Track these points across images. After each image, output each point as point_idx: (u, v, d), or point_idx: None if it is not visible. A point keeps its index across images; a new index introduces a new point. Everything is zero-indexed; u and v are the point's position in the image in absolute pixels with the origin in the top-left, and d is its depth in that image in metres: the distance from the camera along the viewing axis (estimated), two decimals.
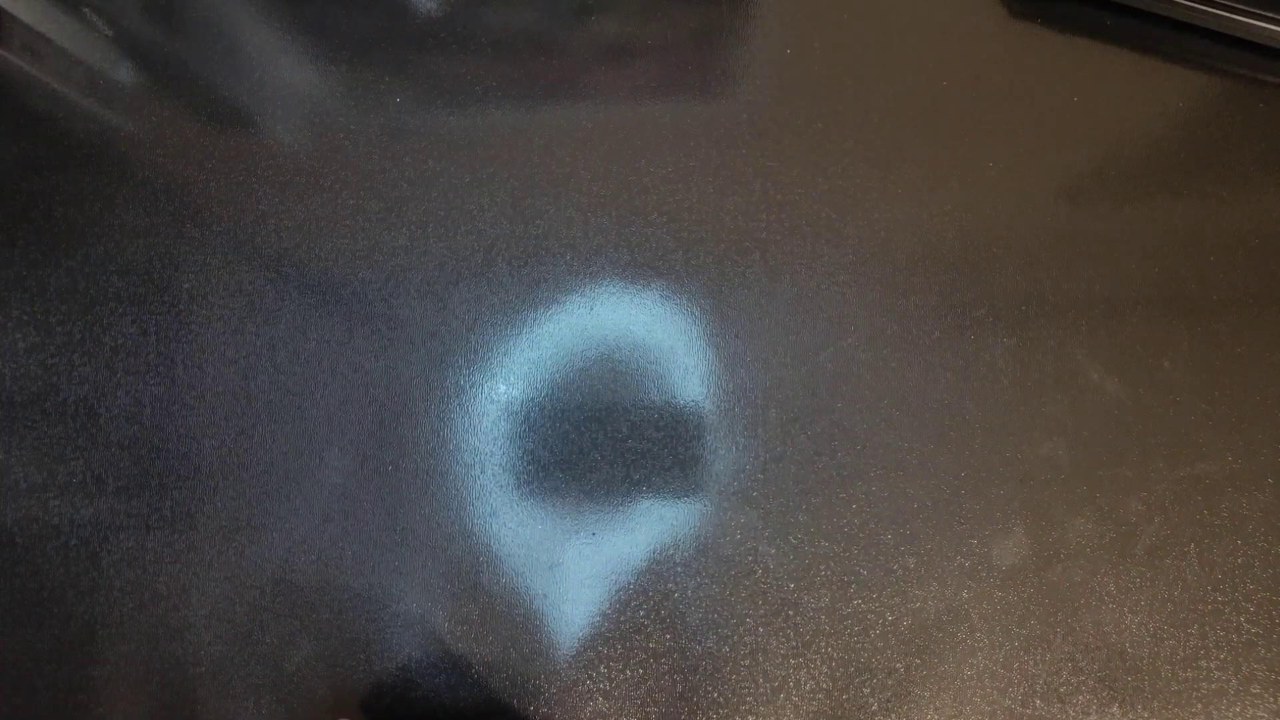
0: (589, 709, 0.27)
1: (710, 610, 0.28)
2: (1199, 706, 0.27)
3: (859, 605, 0.28)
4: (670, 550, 0.28)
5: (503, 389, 0.29)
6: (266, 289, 0.30)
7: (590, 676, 0.27)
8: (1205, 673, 0.27)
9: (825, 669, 0.27)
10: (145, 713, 0.27)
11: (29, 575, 0.28)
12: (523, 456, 0.29)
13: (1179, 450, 0.29)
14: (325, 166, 0.31)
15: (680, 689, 0.27)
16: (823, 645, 0.28)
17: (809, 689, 0.27)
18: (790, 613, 0.28)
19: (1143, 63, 0.32)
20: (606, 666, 0.27)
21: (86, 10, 0.33)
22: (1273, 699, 0.27)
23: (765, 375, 0.29)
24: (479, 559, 0.28)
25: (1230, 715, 0.27)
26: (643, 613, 0.28)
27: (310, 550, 0.28)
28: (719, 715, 0.27)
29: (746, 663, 0.28)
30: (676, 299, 0.30)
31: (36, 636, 0.28)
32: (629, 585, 0.28)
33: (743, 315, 0.30)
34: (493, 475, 0.29)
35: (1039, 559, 0.28)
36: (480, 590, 0.28)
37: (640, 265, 0.30)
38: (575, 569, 0.28)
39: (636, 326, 0.30)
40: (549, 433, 0.29)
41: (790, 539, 0.28)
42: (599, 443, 0.29)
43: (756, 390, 0.29)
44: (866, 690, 0.27)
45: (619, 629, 0.28)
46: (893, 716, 0.27)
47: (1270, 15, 0.31)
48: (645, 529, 0.28)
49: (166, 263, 0.30)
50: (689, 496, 0.29)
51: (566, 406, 0.29)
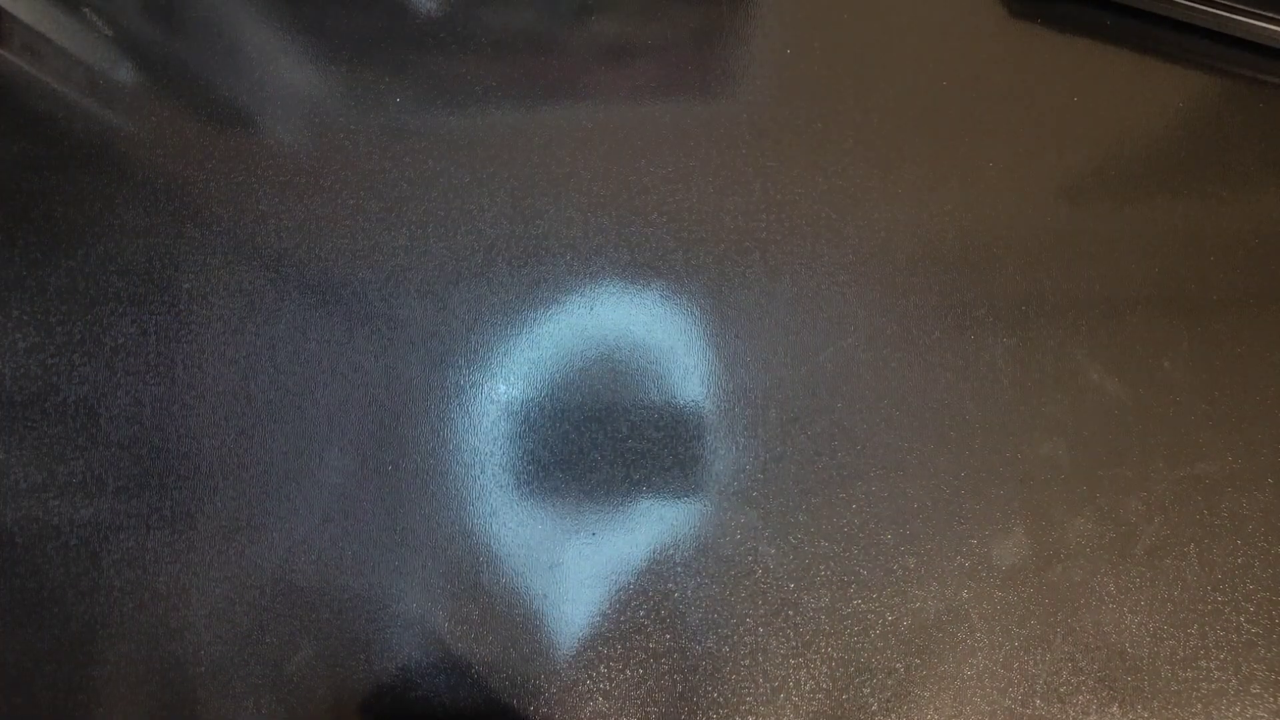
0: (589, 709, 0.27)
1: (710, 610, 0.28)
2: (1199, 706, 0.27)
3: (859, 605, 0.28)
4: (670, 550, 0.28)
5: (503, 389, 0.29)
6: (266, 289, 0.30)
7: (590, 676, 0.27)
8: (1205, 673, 0.27)
9: (825, 669, 0.27)
10: (145, 713, 0.27)
11: (29, 575, 0.28)
12: (523, 456, 0.29)
13: (1179, 450, 0.29)
14: (325, 166, 0.31)
15: (680, 689, 0.27)
16: (823, 645, 0.28)
17: (809, 689, 0.27)
18: (790, 613, 0.28)
19: (1143, 63, 0.32)
20: (606, 666, 0.27)
21: (86, 10, 0.33)
22: (1273, 699, 0.27)
23: (765, 375, 0.29)
24: (479, 559, 0.28)
25: (1230, 715, 0.27)
26: (643, 613, 0.28)
27: (310, 550, 0.28)
28: (719, 715, 0.27)
29: (746, 663, 0.28)
30: (676, 299, 0.30)
31: (36, 636, 0.28)
32: (629, 585, 0.28)
33: (743, 315, 0.30)
34: (493, 475, 0.29)
35: (1039, 559, 0.28)
36: (480, 590, 0.28)
37: (640, 265, 0.30)
38: (575, 569, 0.28)
39: (636, 326, 0.30)
40: (549, 433, 0.29)
41: (790, 539, 0.28)
42: (599, 443, 0.29)
43: (756, 390, 0.29)
44: (866, 690, 0.27)
45: (619, 629, 0.28)
46: (893, 716, 0.27)
47: (1270, 15, 0.31)
48: (645, 529, 0.28)
49: (166, 263, 0.30)
50: (689, 496, 0.29)
51: (566, 406, 0.29)
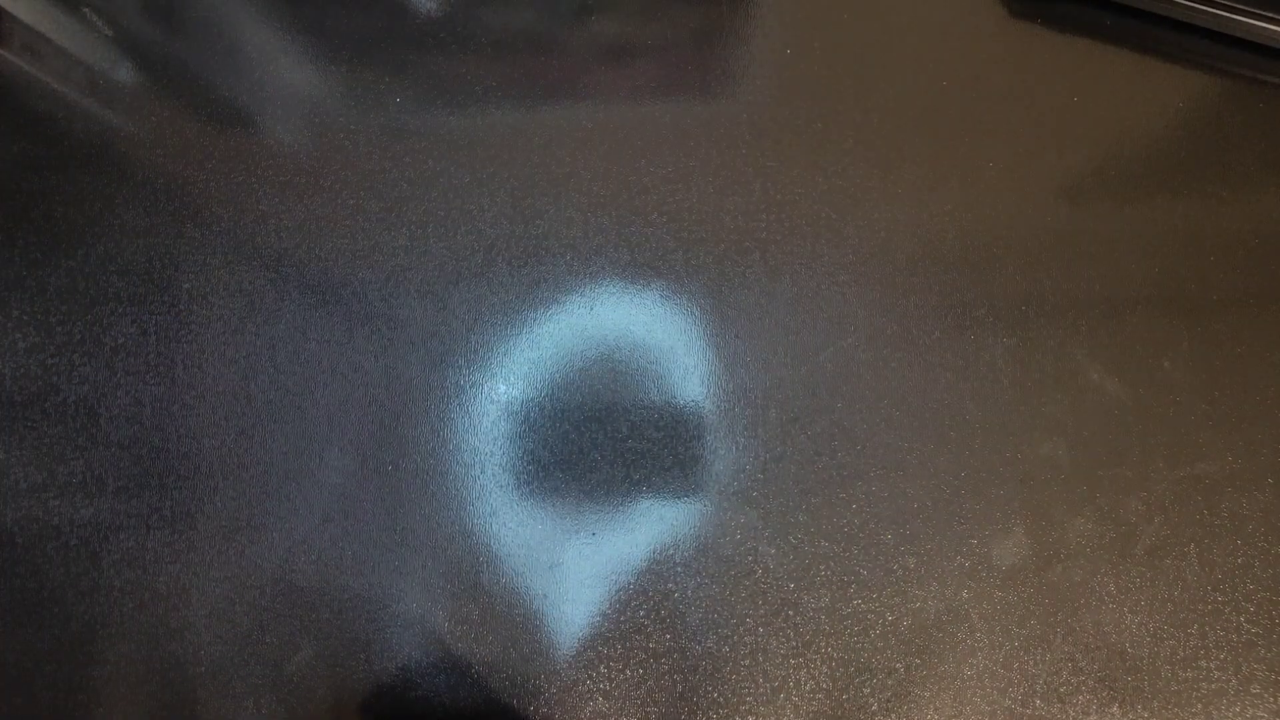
0: (589, 709, 0.27)
1: (710, 610, 0.28)
2: (1199, 706, 0.27)
3: (859, 605, 0.28)
4: (670, 550, 0.28)
5: (503, 389, 0.29)
6: (266, 289, 0.30)
7: (590, 676, 0.27)
8: (1205, 673, 0.27)
9: (825, 669, 0.27)
10: (145, 713, 0.27)
11: (29, 575, 0.28)
12: (523, 456, 0.29)
13: (1179, 450, 0.29)
14: (325, 166, 0.31)
15: (680, 689, 0.27)
16: (823, 645, 0.28)
17: (809, 689, 0.27)
18: (790, 613, 0.28)
19: (1143, 63, 0.32)
20: (606, 666, 0.27)
21: (86, 10, 0.33)
22: (1273, 699, 0.27)
23: (765, 375, 0.29)
24: (479, 559, 0.28)
25: (1230, 715, 0.27)
26: (643, 613, 0.28)
27: (310, 550, 0.28)
28: (719, 715, 0.27)
29: (746, 663, 0.28)
30: (676, 299, 0.30)
31: (36, 636, 0.28)
32: (629, 585, 0.28)
33: (743, 315, 0.30)
34: (493, 475, 0.29)
35: (1039, 559, 0.28)
36: (480, 590, 0.28)
37: (640, 265, 0.30)
38: (575, 569, 0.28)
39: (636, 326, 0.30)
40: (549, 433, 0.29)
41: (790, 539, 0.28)
42: (599, 443, 0.29)
43: (756, 390, 0.29)
44: (866, 690, 0.27)
45: (619, 629, 0.28)
46: (893, 716, 0.27)
47: (1270, 15, 0.31)
48: (645, 529, 0.28)
49: (166, 263, 0.30)
50: (689, 496, 0.29)
51: (566, 406, 0.29)
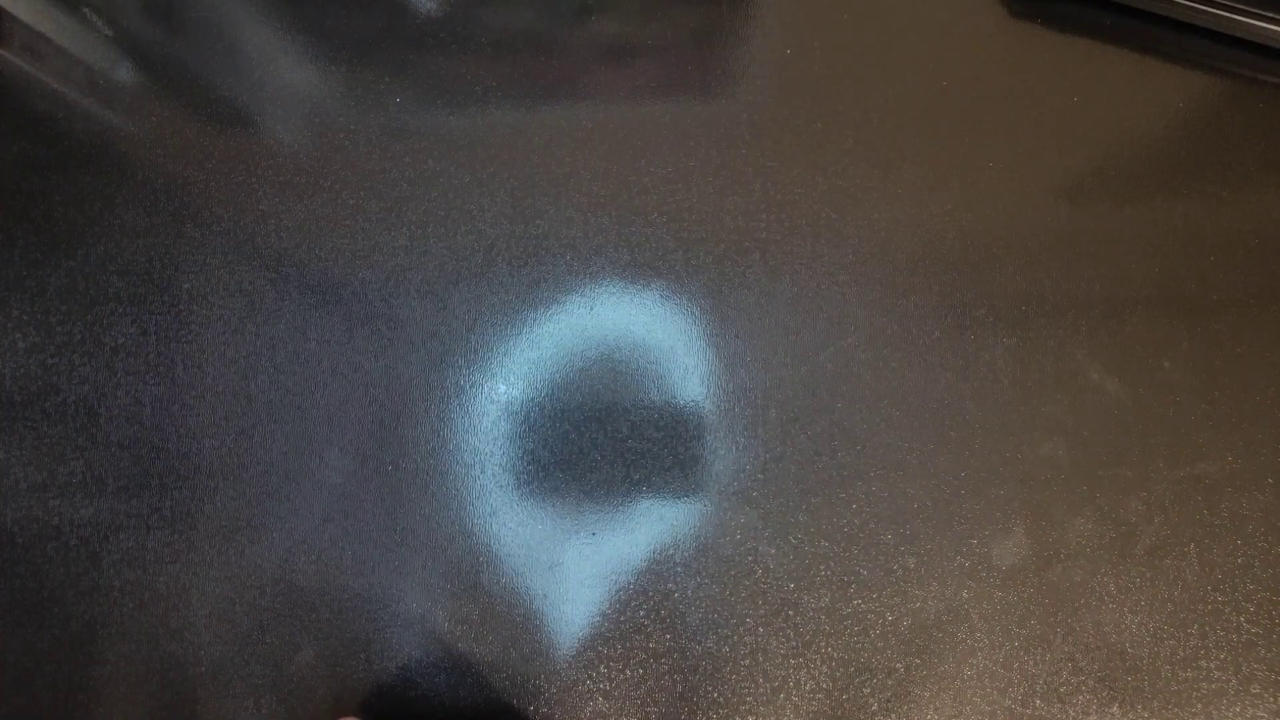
0: (589, 709, 0.27)
1: (710, 610, 0.28)
2: (1199, 706, 0.27)
3: (859, 605, 0.28)
4: (670, 550, 0.28)
5: (503, 389, 0.29)
6: (266, 289, 0.30)
7: (590, 676, 0.27)
8: (1205, 673, 0.27)
9: (825, 669, 0.27)
10: (145, 713, 0.27)
11: (29, 575, 0.28)
12: (523, 456, 0.29)
13: (1179, 450, 0.29)
14: (325, 166, 0.31)
15: (680, 689, 0.27)
16: (823, 645, 0.28)
17: (809, 689, 0.27)
18: (790, 613, 0.28)
19: (1143, 63, 0.32)
20: (606, 666, 0.27)
21: (86, 10, 0.33)
22: (1273, 699, 0.27)
23: (765, 375, 0.29)
24: (479, 559, 0.28)
25: (1230, 715, 0.27)
26: (643, 613, 0.28)
27: (310, 550, 0.28)
28: (719, 715, 0.27)
29: (746, 663, 0.28)
30: (676, 299, 0.30)
31: (36, 636, 0.28)
32: (629, 585, 0.28)
33: (743, 315, 0.30)
34: (493, 475, 0.29)
35: (1039, 559, 0.28)
36: (480, 590, 0.28)
37: (640, 265, 0.30)
38: (575, 569, 0.28)
39: (636, 326, 0.30)
40: (549, 433, 0.29)
41: (790, 539, 0.28)
42: (599, 443, 0.29)
43: (756, 390, 0.29)
44: (866, 690, 0.27)
45: (619, 629, 0.28)
46: (893, 716, 0.27)
47: (1270, 15, 0.31)
48: (645, 529, 0.28)
49: (166, 263, 0.30)
50: (689, 496, 0.29)
51: (566, 406, 0.29)
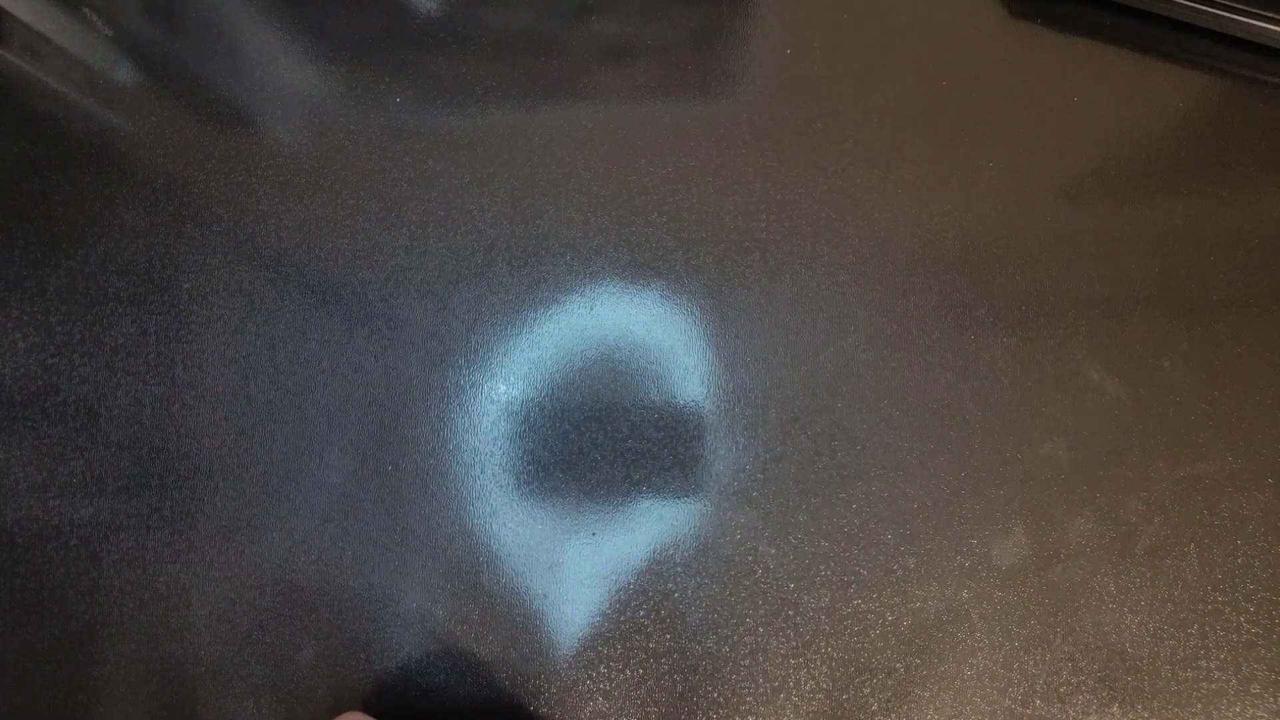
0: (589, 709, 0.27)
1: (710, 610, 0.28)
2: (1199, 706, 0.27)
3: (859, 605, 0.28)
4: (670, 550, 0.28)
5: (503, 389, 0.29)
6: (266, 289, 0.30)
7: (590, 676, 0.27)
8: (1205, 673, 0.27)
9: (825, 669, 0.27)
10: (145, 713, 0.27)
11: (29, 575, 0.28)
12: (523, 456, 0.29)
13: (1179, 450, 0.29)
14: (325, 166, 0.31)
15: (680, 689, 0.27)
16: (823, 645, 0.28)
17: (809, 689, 0.27)
18: (790, 613, 0.28)
19: (1143, 63, 0.32)
20: (606, 666, 0.27)
21: (86, 10, 0.33)
22: (1273, 699, 0.27)
23: (765, 375, 0.29)
24: (479, 559, 0.28)
25: (1230, 715, 0.27)
26: (643, 613, 0.28)
27: (310, 550, 0.28)
28: (719, 715, 0.27)
29: (746, 663, 0.28)
30: (676, 299, 0.30)
31: (36, 636, 0.28)
32: (629, 585, 0.28)
33: (743, 315, 0.30)
34: (493, 475, 0.29)
35: (1039, 559, 0.28)
36: (480, 590, 0.28)
37: (640, 265, 0.30)
38: (575, 569, 0.28)
39: (636, 326, 0.30)
40: (549, 433, 0.29)
41: (790, 539, 0.28)
42: (599, 443, 0.29)
43: (756, 390, 0.29)
44: (866, 690, 0.27)
45: (619, 629, 0.28)
46: (893, 716, 0.27)
47: (1270, 15, 0.31)
48: (645, 529, 0.28)
49: (166, 263, 0.30)
50: (689, 496, 0.29)
51: (566, 406, 0.29)
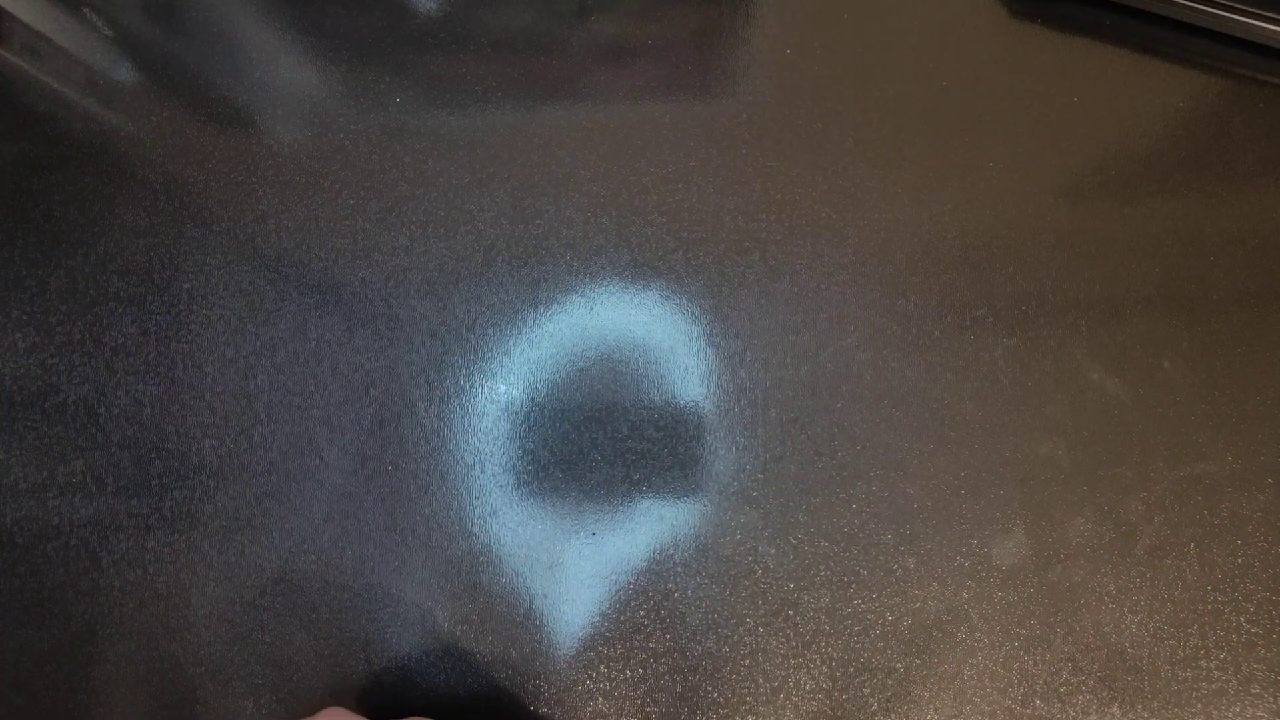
0: (589, 709, 0.27)
1: (710, 610, 0.28)
2: (1199, 706, 0.27)
3: (859, 605, 0.28)
4: (670, 550, 0.28)
5: (503, 389, 0.29)
6: (266, 289, 0.30)
7: (590, 676, 0.27)
8: (1205, 673, 0.27)
9: (825, 669, 0.27)
10: (145, 712, 0.27)
11: (29, 575, 0.28)
12: (523, 456, 0.29)
13: (1179, 450, 0.29)
14: (325, 166, 0.31)
15: (680, 689, 0.27)
16: (823, 645, 0.28)
17: (809, 689, 0.27)
18: (790, 613, 0.28)
19: (1143, 63, 0.32)
20: (606, 666, 0.27)
21: (86, 10, 0.33)
22: (1273, 699, 0.27)
23: (765, 375, 0.29)
24: (479, 559, 0.28)
25: (1230, 715, 0.27)
26: (643, 613, 0.28)
27: (310, 550, 0.28)
28: (719, 715, 0.27)
29: (746, 663, 0.28)
30: (676, 299, 0.30)
31: (36, 636, 0.28)
32: (629, 585, 0.28)
33: (743, 315, 0.30)
34: (493, 475, 0.29)
35: (1039, 559, 0.28)
36: (480, 590, 0.28)
37: (640, 265, 0.30)
38: (575, 569, 0.28)
39: (636, 326, 0.30)
40: (549, 433, 0.29)
41: (790, 539, 0.28)
42: (599, 443, 0.29)
43: (756, 390, 0.29)
44: (866, 690, 0.27)
45: (619, 629, 0.28)
46: (893, 716, 0.27)
47: (1270, 15, 0.31)
48: (645, 529, 0.28)
49: (166, 263, 0.30)
50: (689, 496, 0.29)
51: (566, 406, 0.29)
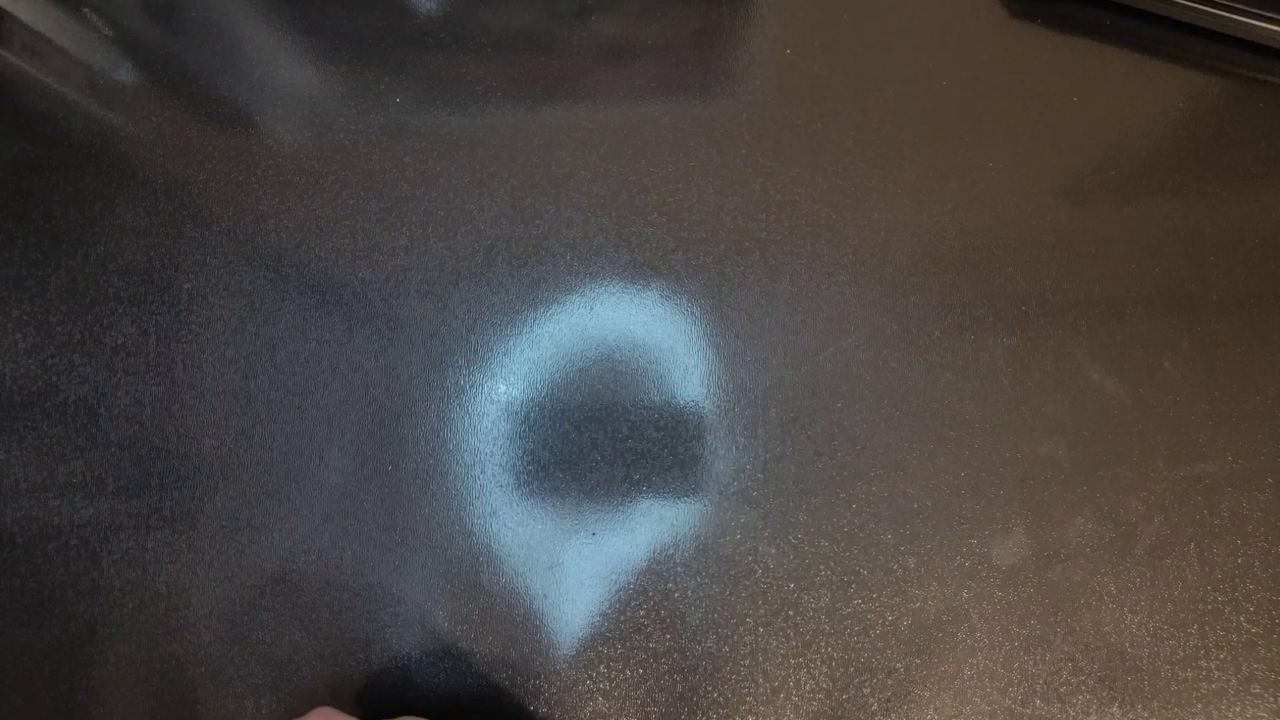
0: (589, 709, 0.27)
1: (710, 610, 0.28)
2: (1199, 706, 0.27)
3: (859, 605, 0.28)
4: (670, 550, 0.28)
5: (503, 389, 0.29)
6: (266, 289, 0.30)
7: (590, 676, 0.27)
8: (1205, 673, 0.27)
9: (825, 669, 0.27)
10: (145, 713, 0.27)
11: (29, 575, 0.28)
12: (523, 456, 0.29)
13: (1179, 450, 0.29)
14: (325, 166, 0.31)
15: (680, 689, 0.27)
16: (823, 645, 0.28)
17: (809, 689, 0.27)
18: (790, 613, 0.28)
19: (1143, 63, 0.32)
20: (606, 666, 0.27)
21: (86, 10, 0.33)
22: (1273, 699, 0.27)
23: (765, 375, 0.29)
24: (479, 559, 0.28)
25: (1230, 715, 0.27)
26: (643, 613, 0.28)
27: (310, 550, 0.28)
28: (719, 715, 0.27)
29: (746, 663, 0.28)
30: (676, 299, 0.30)
31: (36, 636, 0.28)
32: (629, 585, 0.28)
33: (743, 315, 0.30)
34: (493, 475, 0.29)
35: (1039, 559, 0.28)
36: (480, 590, 0.28)
37: (640, 265, 0.30)
38: (575, 569, 0.28)
39: (636, 326, 0.30)
40: (549, 433, 0.29)
41: (790, 539, 0.28)
42: (599, 443, 0.29)
43: (756, 390, 0.29)
44: (866, 690, 0.27)
45: (619, 629, 0.28)
46: (893, 716, 0.27)
47: (1270, 15, 0.31)
48: (645, 529, 0.28)
49: (166, 263, 0.30)
50: (689, 496, 0.29)
51: (566, 406, 0.29)
